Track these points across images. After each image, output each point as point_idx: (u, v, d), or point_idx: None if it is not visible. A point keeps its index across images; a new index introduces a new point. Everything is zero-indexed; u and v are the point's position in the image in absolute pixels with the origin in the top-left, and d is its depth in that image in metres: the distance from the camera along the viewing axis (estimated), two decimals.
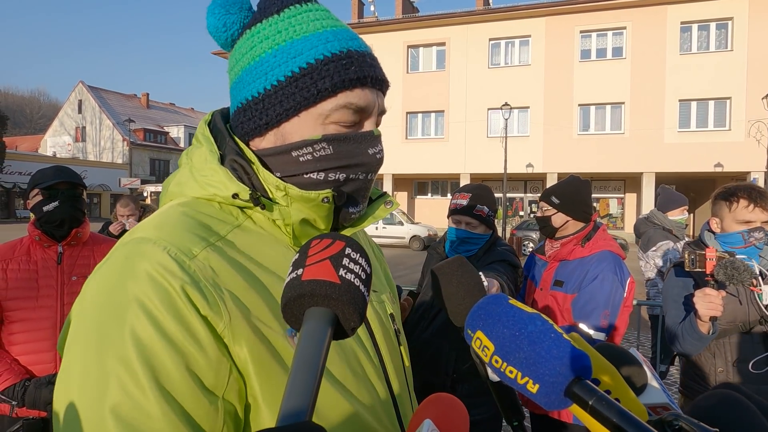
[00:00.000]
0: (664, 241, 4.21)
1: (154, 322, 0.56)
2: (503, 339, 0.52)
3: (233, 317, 0.60)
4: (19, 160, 34.83)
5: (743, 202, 1.91)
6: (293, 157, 0.70)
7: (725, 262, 1.69)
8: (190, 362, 0.56)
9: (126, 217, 4.07)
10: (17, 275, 1.93)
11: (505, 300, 0.56)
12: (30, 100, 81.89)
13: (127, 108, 46.97)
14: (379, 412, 0.72)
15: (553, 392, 0.48)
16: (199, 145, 0.75)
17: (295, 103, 0.69)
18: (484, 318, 0.55)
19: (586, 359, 0.49)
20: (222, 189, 0.69)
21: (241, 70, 0.73)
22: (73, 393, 0.56)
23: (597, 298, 2.07)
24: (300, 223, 0.72)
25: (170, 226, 0.64)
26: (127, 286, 0.58)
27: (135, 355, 0.54)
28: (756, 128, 18.80)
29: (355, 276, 0.48)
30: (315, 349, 0.43)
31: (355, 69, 0.70)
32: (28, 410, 1.86)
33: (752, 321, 1.87)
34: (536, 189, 24.66)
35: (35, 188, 2.02)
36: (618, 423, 0.45)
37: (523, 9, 21.70)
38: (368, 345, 0.76)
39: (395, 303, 0.94)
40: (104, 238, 2.28)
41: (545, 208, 2.35)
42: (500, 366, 0.52)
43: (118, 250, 0.64)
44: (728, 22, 19.71)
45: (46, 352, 1.93)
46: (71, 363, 0.57)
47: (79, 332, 0.59)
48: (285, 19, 0.71)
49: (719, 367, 1.91)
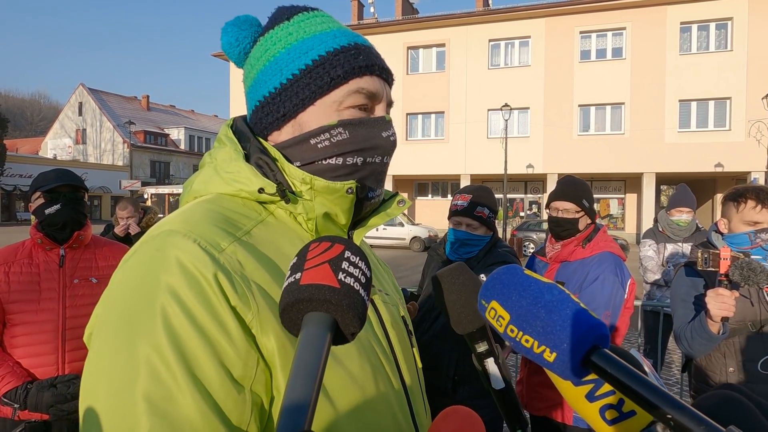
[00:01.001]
0: (643, 239, 4.27)
1: (187, 312, 0.56)
2: (519, 308, 0.51)
3: (261, 309, 0.61)
4: (20, 162, 34.81)
5: (751, 203, 1.91)
6: (311, 144, 0.74)
7: (741, 263, 1.66)
8: (220, 353, 0.57)
9: (125, 220, 4.06)
10: (19, 278, 1.94)
11: (521, 270, 0.55)
12: (30, 102, 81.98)
13: (127, 110, 46.99)
14: (394, 407, 0.73)
15: (571, 361, 0.47)
16: (223, 146, 0.78)
17: (310, 92, 0.73)
18: (500, 288, 0.54)
19: (603, 328, 0.49)
20: (248, 184, 0.72)
21: (257, 73, 0.78)
22: (102, 381, 0.55)
23: (598, 299, 2.07)
24: (322, 217, 0.74)
25: (197, 220, 0.65)
26: (158, 275, 0.58)
27: (168, 342, 0.54)
28: (756, 128, 18.79)
29: (354, 280, 0.47)
30: (314, 356, 0.41)
31: (363, 57, 0.75)
32: (30, 413, 1.85)
33: (762, 321, 1.86)
34: (536, 190, 24.64)
35: (37, 191, 2.02)
36: (639, 391, 0.44)
37: (523, 10, 21.69)
38: (385, 345, 0.77)
39: (404, 308, 0.96)
40: (106, 241, 2.28)
41: (575, 210, 2.23)
42: (516, 335, 0.51)
43: (147, 242, 0.64)
44: (728, 22, 19.70)
45: (48, 354, 1.93)
46: (100, 349, 0.58)
47: (109, 320, 0.59)
48: (295, 24, 0.77)
49: (730, 367, 1.89)
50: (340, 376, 0.65)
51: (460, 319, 0.61)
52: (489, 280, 0.57)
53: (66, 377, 1.91)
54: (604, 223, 24.44)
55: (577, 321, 0.48)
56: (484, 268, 2.05)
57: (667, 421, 0.42)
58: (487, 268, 2.05)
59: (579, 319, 0.48)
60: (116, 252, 2.21)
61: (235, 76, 24.07)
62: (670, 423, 0.42)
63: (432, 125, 23.74)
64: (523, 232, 18.05)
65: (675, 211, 4.03)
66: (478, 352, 0.62)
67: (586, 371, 0.48)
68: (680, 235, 4.04)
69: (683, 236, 4.04)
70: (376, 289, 0.84)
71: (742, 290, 1.83)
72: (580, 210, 2.23)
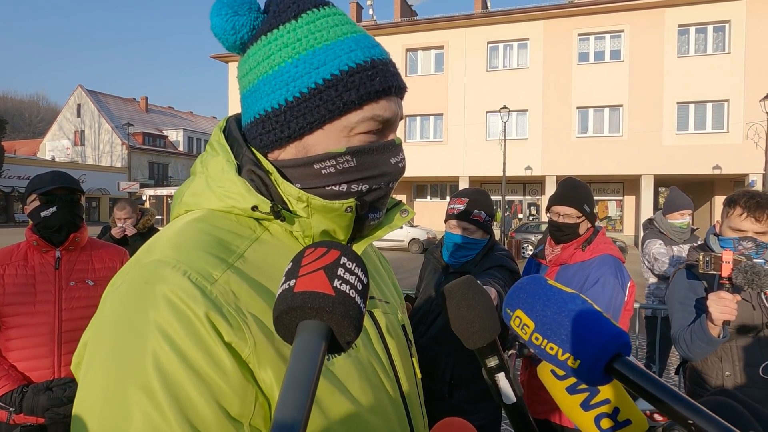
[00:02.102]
0: (651, 239, 4.23)
1: (177, 351, 0.54)
2: (544, 317, 0.54)
3: (258, 342, 0.58)
4: (18, 164, 34.78)
5: (738, 210, 1.90)
6: (315, 169, 0.68)
7: (745, 266, 1.64)
8: (215, 392, 0.55)
9: (123, 221, 4.05)
10: (14, 280, 1.92)
11: (545, 281, 0.58)
12: (29, 104, 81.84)
13: (126, 112, 46.94)
14: (392, 421, 0.71)
15: (595, 368, 0.49)
16: (215, 154, 0.73)
17: (320, 116, 0.67)
18: (524, 298, 0.57)
19: (625, 336, 0.51)
20: (241, 201, 0.67)
21: (257, 79, 0.70)
22: (93, 422, 0.54)
23: (598, 302, 2.06)
24: (320, 234, 0.71)
25: (188, 247, 0.62)
26: (147, 313, 0.56)
27: (159, 385, 0.53)
28: (754, 130, 18.83)
29: (350, 287, 0.45)
30: (307, 366, 0.40)
31: (380, 80, 0.68)
32: (25, 417, 1.85)
33: (761, 324, 1.84)
34: (535, 191, 24.67)
35: (33, 193, 2.01)
36: (662, 397, 0.45)
37: (521, 12, 21.74)
38: (384, 359, 0.75)
39: (404, 313, 0.93)
40: (102, 243, 2.27)
41: (576, 215, 2.21)
42: (540, 343, 0.53)
43: (135, 270, 0.61)
44: (725, 24, 19.76)
45: (43, 358, 1.92)
46: (91, 389, 0.56)
47: (98, 357, 0.57)
48: (303, 26, 0.68)
49: (726, 371, 1.88)
50: (340, 399, 0.64)
51: (471, 334, 0.60)
52: (513, 290, 0.59)
53: (62, 380, 1.89)
54: (602, 225, 24.48)
55: (600, 329, 0.50)
56: (482, 272, 2.04)
57: (689, 426, 0.43)
58: (485, 271, 2.04)
59: (602, 327, 0.51)
60: (112, 254, 2.20)
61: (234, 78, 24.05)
62: (692, 429, 0.43)
63: (431, 127, 23.76)
64: (521, 234, 18.07)
65: (678, 215, 4.04)
66: (489, 367, 0.61)
67: (608, 378, 0.50)
68: (681, 238, 4.06)
69: (683, 238, 4.06)
70: (376, 300, 0.81)
71: (742, 293, 1.82)
72: (581, 215, 2.21)
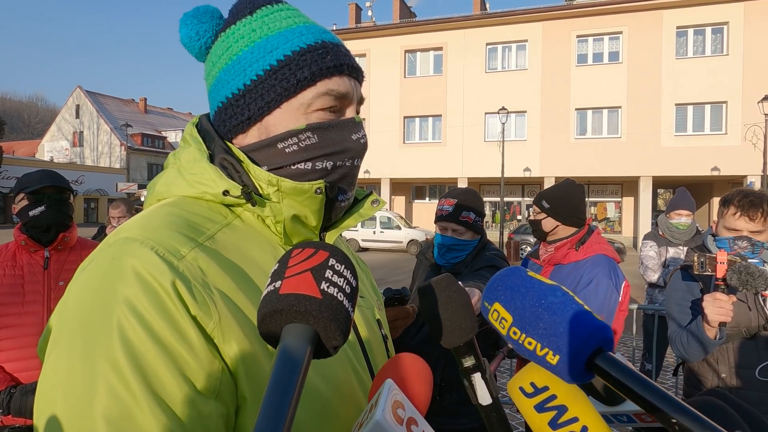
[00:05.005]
0: (645, 240, 4.24)
1: (144, 324, 0.54)
2: (522, 310, 0.50)
3: (223, 317, 0.58)
4: (17, 165, 34.67)
5: (732, 210, 1.89)
6: (279, 149, 0.71)
7: (739, 267, 1.62)
8: (181, 365, 0.54)
9: (117, 219, 4.05)
10: (2, 281, 1.91)
11: (524, 272, 0.54)
12: (28, 105, 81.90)
13: (124, 113, 46.93)
14: None
15: (575, 364, 0.46)
16: (187, 146, 0.75)
17: (276, 95, 0.70)
18: (502, 290, 0.53)
19: (608, 330, 0.48)
20: (212, 186, 0.69)
21: (219, 71, 0.74)
22: (57, 398, 0.53)
23: (591, 302, 2.04)
24: (291, 219, 0.71)
25: (157, 226, 0.62)
26: (114, 287, 0.55)
27: (125, 357, 0.52)
28: (752, 132, 18.86)
29: (338, 290, 0.44)
30: (291, 371, 0.39)
31: (331, 57, 0.72)
32: (14, 418, 1.82)
33: (757, 326, 1.82)
34: (534, 193, 24.66)
35: (21, 192, 1.99)
36: (644, 395, 0.43)
37: (520, 14, 21.76)
38: (356, 348, 0.74)
39: (381, 310, 0.93)
40: (93, 243, 2.25)
41: (537, 212, 2.38)
42: (519, 338, 0.50)
43: (103, 250, 0.61)
44: (724, 26, 19.80)
45: (32, 358, 1.89)
46: (55, 366, 0.55)
47: (63, 334, 0.56)
48: (258, 19, 0.73)
49: (722, 373, 1.86)
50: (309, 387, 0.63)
51: (446, 333, 0.58)
52: (492, 282, 0.55)
53: None
54: (601, 226, 24.31)
55: (580, 323, 0.47)
56: (472, 273, 2.01)
57: (672, 425, 0.41)
58: (476, 272, 2.01)
59: (583, 321, 0.47)
60: None
61: None
62: (675, 427, 0.41)
63: (429, 128, 23.76)
64: (519, 235, 18.05)
65: (674, 214, 4.01)
66: (465, 367, 0.59)
67: (590, 375, 0.47)
68: (680, 239, 4.02)
69: (683, 239, 4.02)
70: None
71: (738, 294, 1.80)
72: (540, 211, 2.36)
